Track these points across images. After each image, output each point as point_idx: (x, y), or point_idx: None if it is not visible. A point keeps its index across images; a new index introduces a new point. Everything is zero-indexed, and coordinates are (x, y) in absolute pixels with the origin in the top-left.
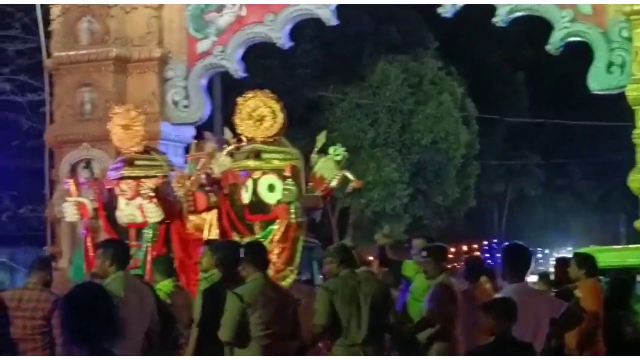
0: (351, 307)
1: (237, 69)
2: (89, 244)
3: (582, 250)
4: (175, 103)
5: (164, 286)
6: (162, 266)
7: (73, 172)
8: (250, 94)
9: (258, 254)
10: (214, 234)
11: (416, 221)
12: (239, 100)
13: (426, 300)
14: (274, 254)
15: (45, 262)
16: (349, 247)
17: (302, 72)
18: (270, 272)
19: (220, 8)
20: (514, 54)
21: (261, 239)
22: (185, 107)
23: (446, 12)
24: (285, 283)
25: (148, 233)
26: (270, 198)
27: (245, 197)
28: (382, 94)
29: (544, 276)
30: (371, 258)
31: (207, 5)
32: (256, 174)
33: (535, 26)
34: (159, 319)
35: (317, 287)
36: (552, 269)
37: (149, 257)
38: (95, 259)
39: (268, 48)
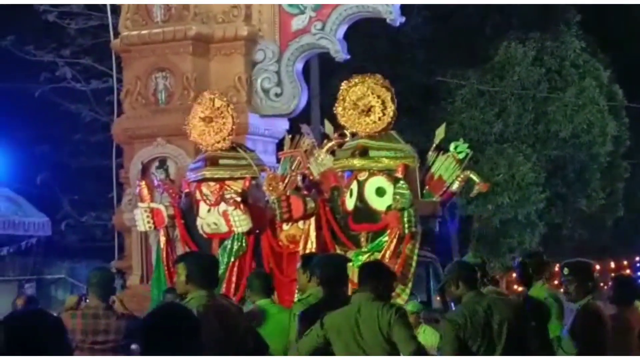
0: (483, 339)
1: (338, 50)
2: (165, 257)
3: None
4: (266, 91)
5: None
6: (258, 281)
7: (145, 172)
8: (357, 79)
9: (369, 274)
10: (310, 246)
11: (553, 230)
12: (343, 86)
13: (566, 328)
14: None
15: (108, 277)
16: (468, 263)
17: (413, 53)
18: None
19: None
20: None
21: (368, 253)
22: (277, 95)
23: None
24: None
25: (232, 245)
26: (379, 204)
27: (349, 202)
28: (509, 78)
29: None
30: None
31: None
32: (362, 175)
33: None
34: (252, 347)
35: (442, 317)
36: None
37: (227, 274)
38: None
39: (372, 24)
